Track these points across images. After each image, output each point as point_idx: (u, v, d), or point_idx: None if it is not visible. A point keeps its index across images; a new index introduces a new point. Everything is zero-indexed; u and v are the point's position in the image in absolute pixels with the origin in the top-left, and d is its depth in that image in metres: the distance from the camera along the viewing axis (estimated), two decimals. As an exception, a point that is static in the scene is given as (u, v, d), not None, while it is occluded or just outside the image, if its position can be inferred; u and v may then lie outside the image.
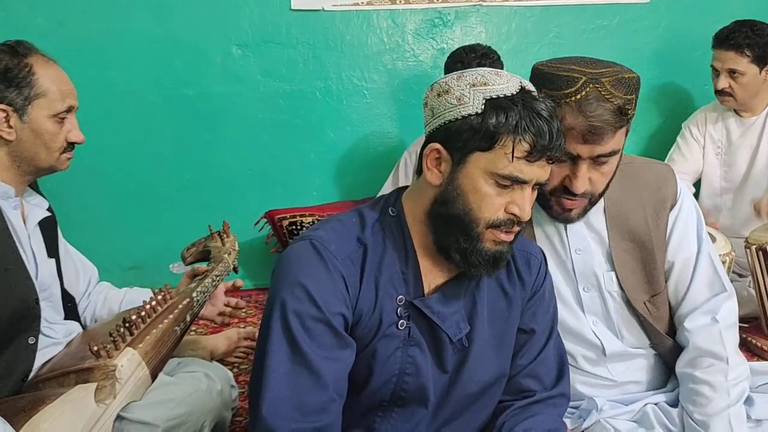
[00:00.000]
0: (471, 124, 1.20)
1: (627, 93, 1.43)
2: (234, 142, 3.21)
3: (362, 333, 1.28)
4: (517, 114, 1.19)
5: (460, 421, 1.40)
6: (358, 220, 1.33)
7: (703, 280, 1.65)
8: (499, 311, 1.40)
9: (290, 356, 1.21)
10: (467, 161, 1.23)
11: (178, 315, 1.73)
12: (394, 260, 1.30)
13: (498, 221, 1.24)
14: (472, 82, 1.23)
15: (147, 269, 3.17)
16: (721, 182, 3.08)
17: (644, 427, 1.58)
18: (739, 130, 3.03)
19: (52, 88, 1.65)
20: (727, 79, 2.87)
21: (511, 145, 1.19)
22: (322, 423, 1.20)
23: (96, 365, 1.52)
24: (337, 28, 3.20)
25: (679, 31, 3.42)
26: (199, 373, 1.72)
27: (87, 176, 3.02)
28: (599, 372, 1.66)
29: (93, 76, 2.99)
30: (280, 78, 3.20)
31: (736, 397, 1.53)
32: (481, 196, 1.23)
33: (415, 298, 1.30)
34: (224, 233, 2.14)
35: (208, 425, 1.62)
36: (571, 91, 1.41)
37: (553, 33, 3.36)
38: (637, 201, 1.65)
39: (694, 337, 1.60)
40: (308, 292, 1.21)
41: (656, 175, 1.67)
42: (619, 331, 1.67)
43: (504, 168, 1.20)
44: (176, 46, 3.08)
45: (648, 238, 1.64)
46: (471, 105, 1.21)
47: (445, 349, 1.33)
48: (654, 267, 1.65)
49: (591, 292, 1.65)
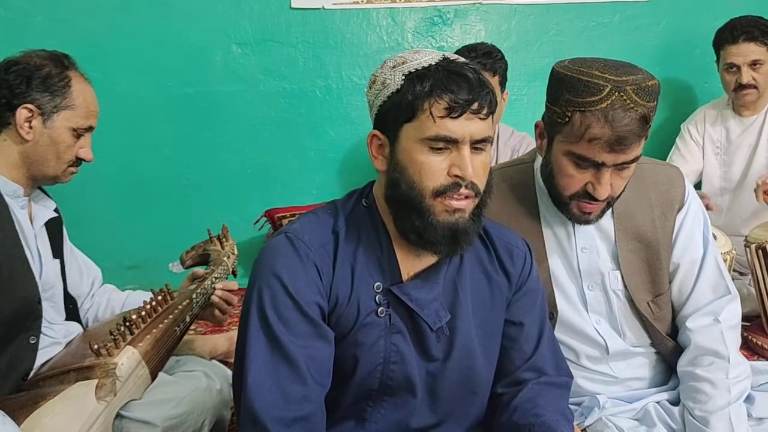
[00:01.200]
0: (394, 101, 1.24)
1: (650, 101, 1.42)
2: (234, 140, 3.22)
3: (341, 321, 1.29)
4: (432, 77, 1.21)
5: (453, 416, 1.39)
6: (333, 212, 1.35)
7: (708, 282, 1.65)
8: (483, 299, 1.40)
9: (268, 346, 1.22)
10: (399, 136, 1.25)
11: (178, 315, 1.74)
12: (368, 249, 1.32)
13: (442, 187, 1.23)
14: (392, 64, 1.27)
15: (147, 268, 3.18)
16: (721, 182, 3.07)
17: (646, 425, 1.59)
18: (739, 129, 3.02)
19: (81, 105, 1.71)
20: (750, 72, 2.86)
21: (429, 107, 1.21)
22: (303, 412, 1.21)
23: (96, 363, 1.53)
24: (337, 26, 3.20)
25: (679, 28, 3.41)
26: (199, 372, 1.73)
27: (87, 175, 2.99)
28: (601, 369, 1.66)
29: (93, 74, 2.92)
30: (280, 76, 3.20)
31: (736, 394, 1.53)
32: (419, 166, 1.23)
33: (393, 285, 1.31)
34: (223, 237, 2.14)
35: (207, 424, 1.63)
36: (596, 99, 1.39)
37: (553, 31, 3.35)
38: (645, 202, 1.65)
39: (696, 336, 1.60)
40: (283, 283, 1.23)
41: (665, 177, 1.68)
42: (621, 330, 1.67)
43: (429, 130, 1.21)
44: (177, 44, 3.09)
45: (654, 239, 1.64)
46: (392, 84, 1.24)
47: (426, 336, 1.33)
48: (659, 268, 1.65)
49: (595, 290, 1.66)
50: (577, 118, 1.42)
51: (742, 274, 2.85)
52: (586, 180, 1.48)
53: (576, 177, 1.49)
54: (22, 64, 1.66)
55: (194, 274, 1.98)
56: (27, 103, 1.64)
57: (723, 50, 2.93)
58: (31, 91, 1.65)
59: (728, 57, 2.91)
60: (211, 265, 2.02)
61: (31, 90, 1.65)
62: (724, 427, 1.49)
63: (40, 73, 1.66)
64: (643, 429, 1.58)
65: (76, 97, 1.70)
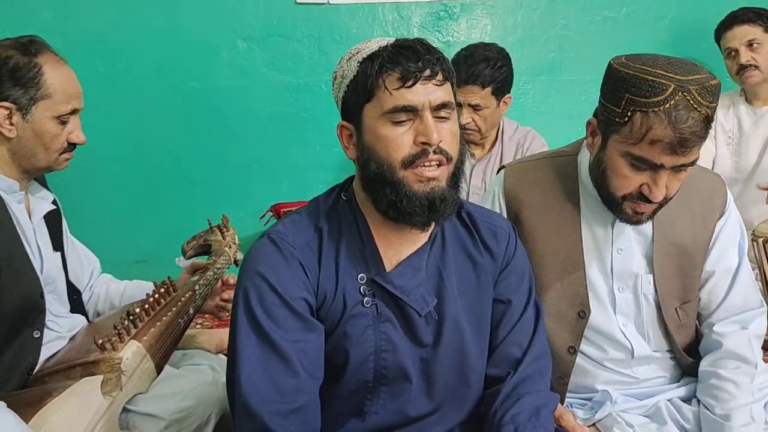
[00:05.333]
0: (353, 88, 1.27)
1: (713, 101, 1.37)
2: (240, 135, 3.21)
3: (329, 315, 1.31)
4: (382, 56, 1.24)
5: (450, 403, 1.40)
6: (315, 209, 1.38)
7: (740, 293, 1.62)
8: (468, 282, 1.41)
9: (259, 344, 1.24)
10: (362, 119, 1.28)
11: (181, 308, 1.75)
12: (350, 242, 1.34)
13: (411, 156, 1.24)
14: (348, 57, 1.30)
15: (153, 262, 3.17)
16: (732, 172, 3.05)
17: (656, 423, 1.57)
18: (751, 119, 3.01)
19: (58, 90, 1.63)
20: (748, 52, 2.88)
21: (383, 83, 1.23)
22: (298, 404, 1.23)
23: (101, 358, 1.54)
24: (343, 21, 3.19)
25: (686, 22, 3.39)
26: (205, 366, 1.73)
27: (93, 170, 3.04)
28: (624, 371, 1.64)
29: (99, 69, 3.00)
30: (285, 71, 3.19)
31: (760, 397, 1.52)
32: (385, 141, 1.25)
33: (377, 275, 1.32)
34: (224, 227, 2.15)
35: (214, 417, 1.63)
36: (660, 99, 1.34)
37: (560, 25, 3.34)
38: (687, 207, 1.61)
39: (725, 339, 1.58)
40: (268, 281, 1.26)
41: (708, 184, 1.65)
42: (647, 334, 1.65)
43: (387, 103, 1.23)
44: (182, 39, 3.09)
45: (692, 245, 1.61)
46: (350, 73, 1.28)
47: (415, 323, 1.34)
48: (692, 274, 1.62)
49: (626, 292, 1.63)
50: (638, 118, 1.37)
51: (750, 269, 2.83)
52: (641, 181, 1.44)
53: (632, 178, 1.44)
54: None
55: (194, 266, 1.98)
56: (2, 101, 1.58)
57: (722, 40, 2.96)
58: (3, 87, 1.58)
59: (726, 43, 2.94)
60: (213, 255, 2.02)
61: (3, 86, 1.58)
62: (744, 420, 1.48)
63: (7, 66, 1.58)
64: (654, 426, 1.56)
65: (51, 84, 1.61)
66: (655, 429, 1.56)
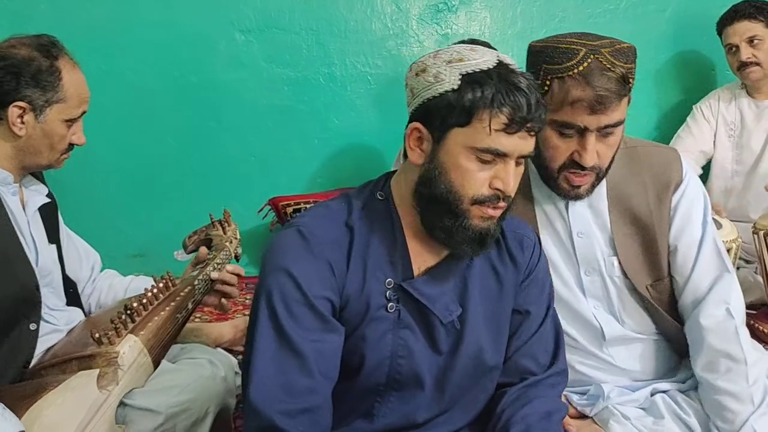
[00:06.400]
0: (448, 100, 1.20)
1: (627, 62, 1.44)
2: (238, 128, 3.20)
3: (350, 317, 1.28)
4: (493, 87, 1.18)
5: (461, 404, 1.39)
6: (346, 205, 1.33)
7: (706, 264, 1.62)
8: (490, 291, 1.39)
9: (276, 340, 1.22)
10: (446, 138, 1.22)
11: (180, 302, 1.73)
12: (381, 243, 1.30)
13: (483, 197, 1.23)
14: (448, 59, 1.22)
15: (151, 257, 3.17)
16: (733, 165, 3.05)
17: (653, 416, 1.57)
18: (753, 113, 3.00)
19: (73, 95, 1.66)
20: (748, 48, 2.87)
21: (488, 118, 1.18)
22: (310, 404, 1.21)
23: (98, 352, 1.52)
24: (341, 13, 3.18)
25: (686, 14, 3.39)
26: (203, 360, 1.72)
27: (91, 163, 3.02)
28: (599, 354, 1.66)
29: (97, 63, 2.98)
30: (283, 64, 3.18)
31: (759, 399, 1.51)
32: (462, 172, 1.22)
33: (404, 281, 1.30)
34: (225, 222, 2.13)
35: (212, 412, 1.62)
36: (573, 63, 1.42)
37: (559, 17, 3.33)
38: (640, 185, 1.63)
39: (709, 335, 1.56)
40: (293, 277, 1.22)
41: (661, 159, 1.66)
42: (620, 316, 1.66)
43: (482, 141, 1.19)
44: (180, 32, 3.07)
45: (650, 222, 1.62)
46: (447, 82, 1.20)
47: (437, 331, 1.33)
48: (656, 252, 1.63)
49: (592, 276, 1.64)
50: (556, 85, 1.44)
51: (749, 262, 2.82)
52: (571, 149, 1.48)
53: (561, 147, 1.48)
54: (10, 59, 1.60)
55: (198, 258, 1.97)
56: (18, 100, 1.60)
57: (723, 34, 2.95)
58: (21, 87, 1.59)
59: (727, 38, 2.93)
60: (213, 250, 2.01)
61: (21, 87, 1.59)
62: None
63: (29, 68, 1.60)
64: (650, 420, 1.56)
65: (68, 89, 1.65)
66: (651, 423, 1.56)
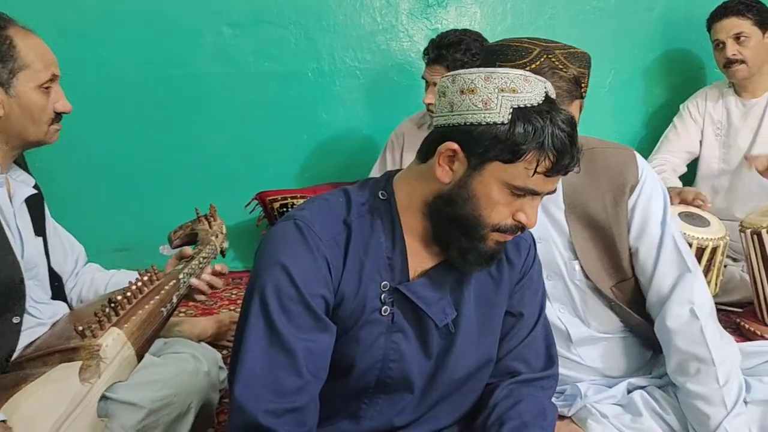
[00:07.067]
0: (496, 132, 1.15)
1: (580, 66, 1.45)
2: (225, 123, 3.18)
3: (344, 317, 1.26)
4: (543, 129, 1.15)
5: (446, 405, 1.39)
6: (345, 201, 1.30)
7: (667, 262, 1.62)
8: (485, 295, 1.38)
9: (267, 336, 1.20)
10: (485, 168, 1.19)
11: (165, 296, 1.72)
12: (380, 244, 1.28)
13: (505, 227, 1.23)
14: (501, 86, 1.16)
15: (136, 251, 3.14)
16: (720, 164, 3.05)
17: (631, 413, 1.58)
18: (740, 111, 3.01)
19: (34, 59, 1.61)
20: (734, 45, 2.86)
21: (536, 161, 1.16)
22: (296, 404, 1.19)
23: (81, 345, 1.51)
24: (330, 7, 3.16)
25: (675, 13, 3.40)
26: (186, 354, 1.70)
27: (76, 156, 3.00)
28: (567, 355, 1.67)
29: (82, 55, 2.96)
30: (271, 58, 3.16)
31: (732, 401, 1.51)
32: (492, 203, 1.21)
33: (401, 284, 1.28)
34: (211, 216, 2.12)
35: (194, 406, 1.60)
36: (526, 61, 1.43)
37: (549, 14, 3.34)
38: (596, 188, 1.63)
39: (676, 337, 1.56)
40: (289, 273, 1.20)
41: (617, 161, 1.65)
42: (585, 318, 1.67)
43: (522, 181, 1.18)
44: (167, 25, 3.05)
45: (608, 226, 1.63)
46: (497, 112, 1.16)
47: (430, 334, 1.31)
48: (617, 254, 1.64)
49: (555, 280, 1.65)
50: None
51: (736, 260, 2.84)
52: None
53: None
54: None
55: (182, 254, 1.95)
56: None
57: (712, 30, 2.94)
58: None
59: (715, 35, 2.93)
60: (199, 244, 1.99)
61: None
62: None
63: None
64: (628, 417, 1.57)
65: (26, 54, 1.60)
66: (629, 420, 1.56)
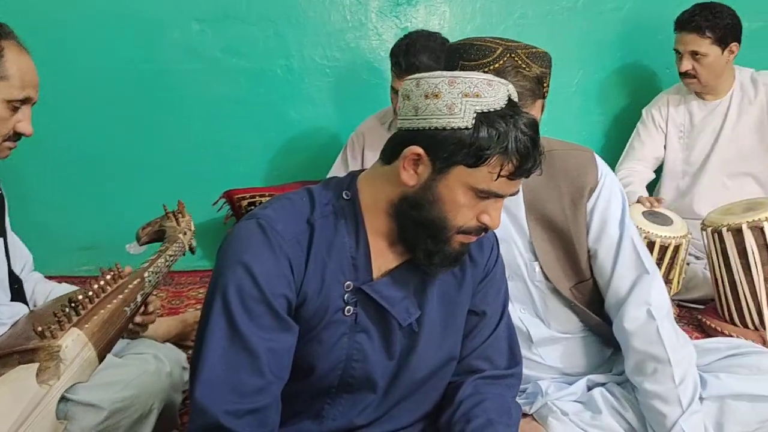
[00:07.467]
0: (460, 137, 1.16)
1: (542, 66, 1.46)
2: (192, 120, 3.16)
3: (307, 317, 1.26)
4: (506, 133, 1.16)
5: (408, 403, 1.39)
6: (308, 201, 1.29)
7: (626, 264, 1.63)
8: (448, 294, 1.39)
9: (229, 336, 1.19)
10: (449, 172, 1.19)
11: (128, 295, 1.69)
12: (344, 244, 1.27)
13: (469, 229, 1.24)
14: (465, 91, 1.17)
15: (102, 249, 3.11)
16: (683, 165, 3.09)
17: (591, 410, 1.59)
18: (702, 113, 3.04)
19: (15, 75, 1.59)
20: (690, 61, 2.88)
21: (499, 165, 1.17)
22: (258, 404, 1.19)
23: (40, 346, 1.48)
24: (299, 4, 3.15)
25: (642, 14, 3.43)
26: (148, 355, 1.69)
27: (41, 153, 2.96)
28: (528, 355, 1.67)
29: (45, 49, 2.85)
30: (240, 55, 3.15)
31: (688, 400, 1.53)
32: (457, 206, 1.22)
33: (364, 283, 1.28)
34: (179, 213, 2.09)
35: (156, 407, 1.59)
36: (489, 60, 1.43)
37: (518, 14, 3.35)
38: (555, 190, 1.64)
39: (632, 338, 1.58)
40: (251, 273, 1.19)
41: (575, 163, 1.66)
42: (545, 319, 1.69)
43: (486, 184, 1.19)
44: (132, 20, 3.02)
45: (566, 227, 1.64)
46: (461, 117, 1.16)
47: (394, 333, 1.31)
48: (576, 256, 1.65)
49: (516, 281, 1.66)
50: None
51: (698, 258, 2.88)
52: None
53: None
54: None
55: None
56: None
57: (675, 35, 2.96)
58: None
59: (676, 43, 2.96)
60: (166, 242, 1.97)
61: None
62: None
63: None
64: (588, 415, 1.59)
65: (9, 67, 1.58)
66: (589, 417, 1.58)
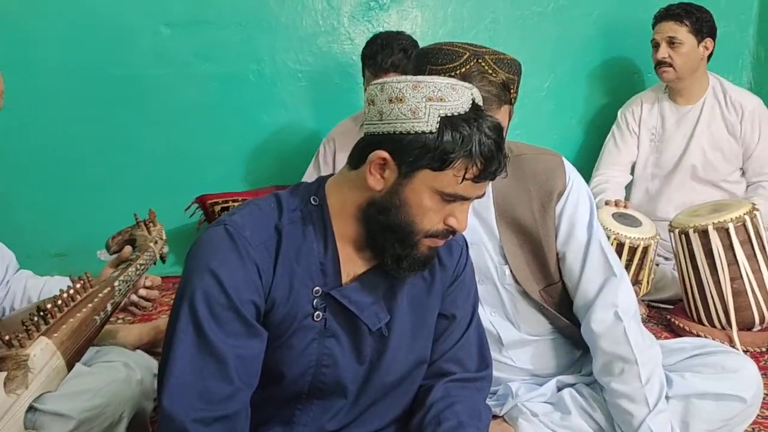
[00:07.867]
0: (424, 141, 1.16)
1: (509, 72, 1.47)
2: (163, 125, 3.14)
3: (276, 323, 1.25)
4: (470, 137, 1.16)
5: (379, 407, 1.39)
6: (276, 207, 1.29)
7: (593, 267, 1.64)
8: (418, 297, 1.39)
9: (196, 343, 1.18)
10: (414, 176, 1.20)
11: (98, 304, 1.67)
12: (312, 250, 1.27)
13: (436, 232, 1.24)
14: (429, 95, 1.17)
15: (73, 256, 3.08)
16: (653, 168, 3.13)
17: (560, 411, 1.61)
18: (674, 117, 3.08)
19: None
20: (666, 49, 2.93)
21: (464, 169, 1.17)
22: (227, 411, 1.18)
23: (8, 355, 1.46)
24: (271, 8, 3.15)
25: (612, 19, 3.47)
26: (118, 363, 1.67)
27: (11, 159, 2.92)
28: (498, 357, 1.68)
29: (14, 53, 2.88)
30: (211, 60, 3.13)
31: (654, 400, 1.54)
32: (423, 210, 1.22)
33: (333, 289, 1.28)
34: (151, 222, 2.07)
35: (126, 416, 1.57)
36: (456, 65, 1.44)
37: (489, 18, 3.37)
38: (524, 194, 1.65)
39: (600, 340, 1.59)
40: (219, 279, 1.18)
41: (544, 168, 1.67)
42: (515, 321, 1.70)
43: (451, 187, 1.19)
44: (102, 24, 2.99)
45: (536, 231, 1.66)
46: (425, 121, 1.17)
47: (364, 339, 1.32)
48: (545, 259, 1.67)
49: (486, 284, 1.68)
50: None
51: (667, 259, 2.92)
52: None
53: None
54: None
55: (120, 257, 1.91)
56: None
57: (653, 30, 3.01)
58: None
59: (653, 35, 3.00)
60: (137, 251, 1.96)
61: None
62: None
63: None
64: (558, 415, 1.60)
65: None
66: (558, 418, 1.59)
